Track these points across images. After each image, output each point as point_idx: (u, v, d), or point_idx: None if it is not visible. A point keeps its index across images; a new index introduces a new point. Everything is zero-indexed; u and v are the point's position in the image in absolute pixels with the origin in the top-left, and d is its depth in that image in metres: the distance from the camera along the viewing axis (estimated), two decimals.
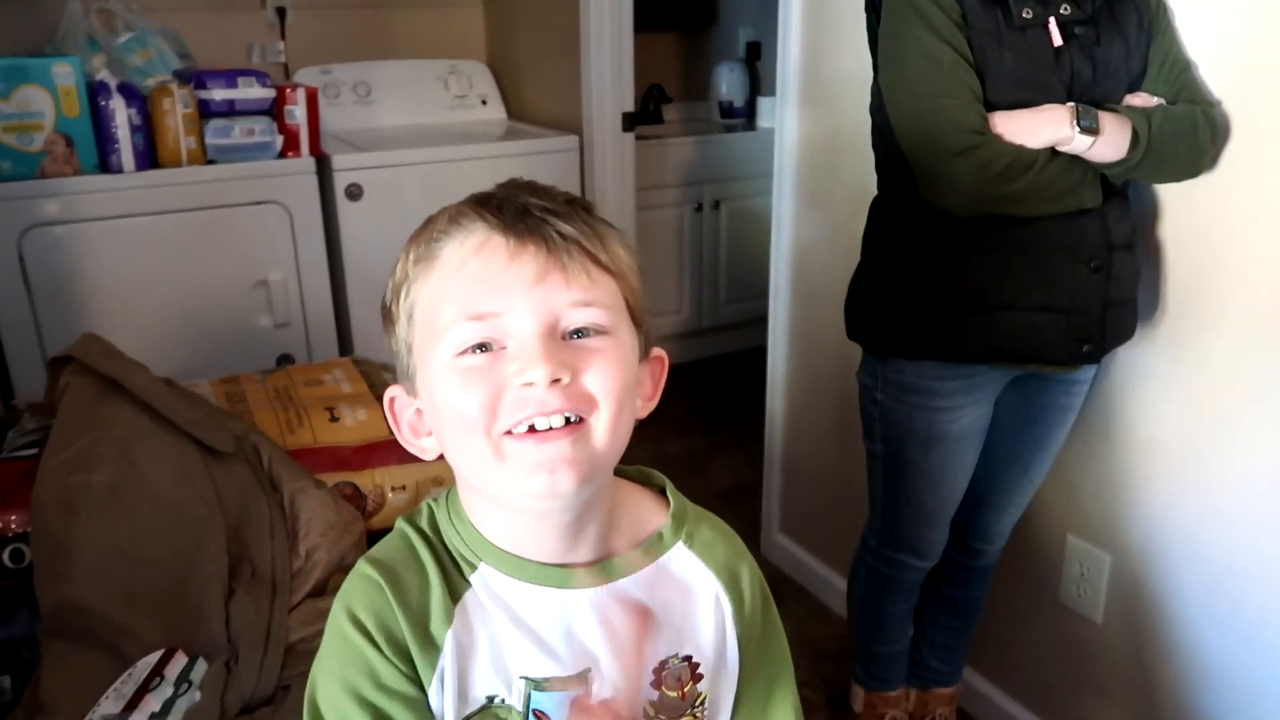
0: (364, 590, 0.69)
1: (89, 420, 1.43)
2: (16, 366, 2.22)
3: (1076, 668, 1.66)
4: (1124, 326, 1.38)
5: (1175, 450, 1.46)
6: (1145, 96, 1.28)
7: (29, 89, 2.13)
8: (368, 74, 2.96)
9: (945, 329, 1.33)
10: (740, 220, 3.47)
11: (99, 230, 2.25)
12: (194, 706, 1.19)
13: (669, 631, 0.74)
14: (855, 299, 1.48)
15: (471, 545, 0.71)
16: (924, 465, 1.44)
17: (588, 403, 0.64)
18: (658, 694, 0.74)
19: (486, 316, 0.63)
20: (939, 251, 1.32)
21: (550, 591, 0.70)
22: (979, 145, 1.22)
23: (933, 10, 1.22)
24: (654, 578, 0.74)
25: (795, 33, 2.01)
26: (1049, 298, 1.29)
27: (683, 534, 0.76)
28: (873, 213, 1.45)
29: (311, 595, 1.42)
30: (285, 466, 1.54)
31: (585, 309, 0.64)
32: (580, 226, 0.66)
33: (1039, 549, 1.68)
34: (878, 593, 1.61)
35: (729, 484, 2.69)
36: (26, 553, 1.34)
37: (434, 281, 0.66)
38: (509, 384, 0.62)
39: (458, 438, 0.66)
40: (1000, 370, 1.39)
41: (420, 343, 0.67)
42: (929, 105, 1.24)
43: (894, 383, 1.42)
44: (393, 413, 0.72)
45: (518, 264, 0.63)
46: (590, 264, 0.65)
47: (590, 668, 0.71)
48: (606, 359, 0.65)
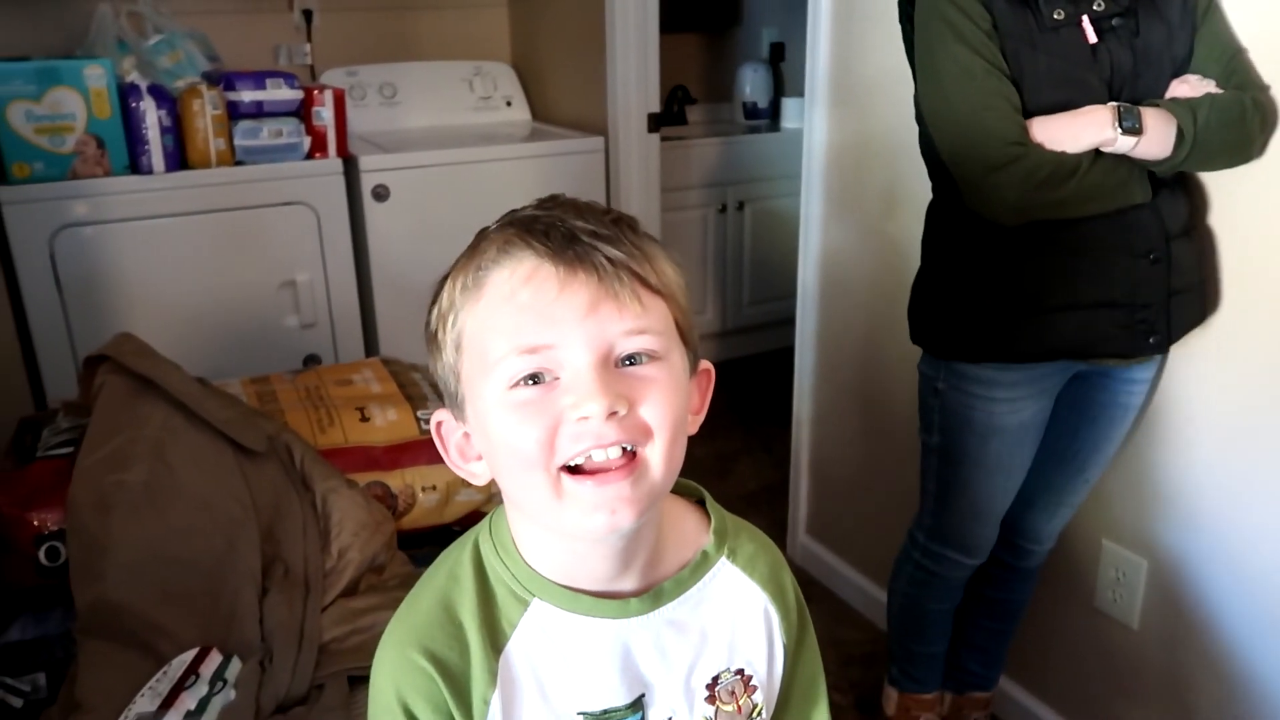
0: (418, 684, 0.68)
1: (124, 419, 1.44)
2: (48, 365, 2.23)
3: (1111, 674, 1.64)
4: (1191, 312, 1.36)
5: (1215, 453, 1.44)
6: (1195, 81, 1.26)
7: (61, 91, 2.14)
8: (393, 75, 2.97)
9: (1006, 332, 1.32)
10: (765, 221, 3.46)
11: (129, 231, 2.26)
12: (229, 705, 1.19)
13: (718, 648, 0.74)
14: (918, 304, 1.47)
15: (522, 580, 0.70)
16: (981, 457, 1.43)
17: (644, 433, 0.63)
18: (714, 709, 0.74)
19: (539, 349, 0.62)
20: (994, 256, 1.32)
21: (605, 623, 0.70)
22: (1020, 156, 1.21)
23: (962, 21, 1.21)
24: (701, 596, 0.74)
25: (824, 33, 2.00)
26: (1108, 294, 1.28)
27: (725, 549, 0.76)
28: (929, 218, 1.45)
29: (343, 595, 1.42)
30: (317, 466, 1.54)
31: (639, 336, 0.63)
32: (629, 249, 0.64)
33: (1074, 553, 1.66)
34: (922, 590, 1.59)
35: (755, 486, 2.68)
36: (62, 551, 1.35)
37: (482, 311, 0.64)
38: (565, 418, 0.61)
39: (514, 472, 0.65)
40: (1064, 364, 1.37)
41: (469, 374, 0.66)
42: (966, 118, 1.23)
43: (956, 372, 1.41)
44: (440, 437, 0.71)
45: (569, 293, 0.62)
46: (641, 288, 0.64)
47: (644, 693, 0.72)
48: (661, 388, 0.64)
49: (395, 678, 0.69)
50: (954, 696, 1.73)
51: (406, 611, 0.72)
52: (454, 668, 0.68)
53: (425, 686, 0.68)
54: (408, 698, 0.68)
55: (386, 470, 1.62)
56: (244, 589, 1.34)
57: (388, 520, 1.55)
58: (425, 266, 2.94)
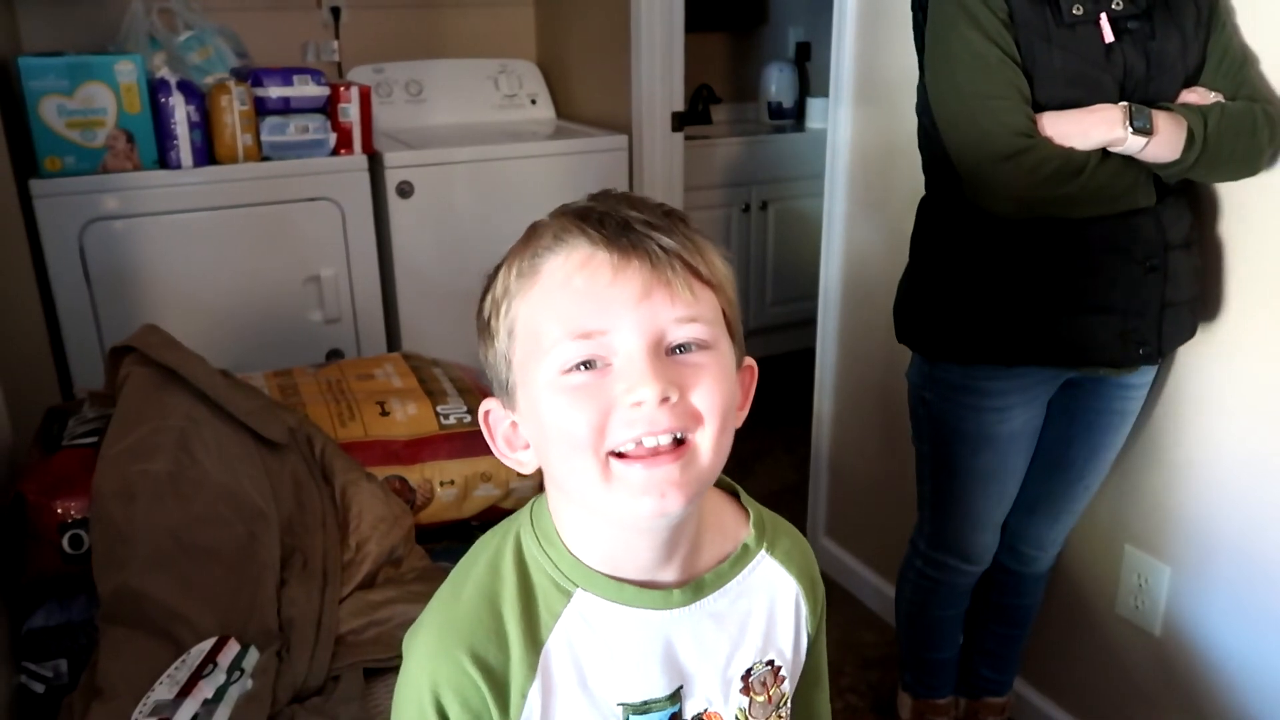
0: (459, 684, 0.68)
1: (149, 410, 1.46)
2: (75, 356, 2.26)
3: (1132, 682, 1.62)
4: (1183, 327, 1.34)
5: (1239, 457, 1.42)
6: (1202, 92, 1.24)
7: (93, 86, 2.17)
8: (419, 73, 2.99)
9: (997, 333, 1.31)
10: (788, 221, 3.45)
11: (157, 225, 2.29)
12: (246, 694, 1.20)
13: (753, 640, 0.75)
14: (904, 301, 1.46)
15: (565, 570, 0.70)
16: (972, 467, 1.42)
17: (694, 420, 0.63)
18: (748, 700, 0.75)
19: (593, 334, 0.62)
20: (988, 253, 1.30)
21: (648, 614, 0.70)
22: (1027, 148, 1.19)
23: (980, 9, 1.19)
24: (741, 589, 0.75)
25: (850, 33, 1.99)
26: (1103, 299, 1.26)
27: (765, 542, 0.77)
28: (921, 213, 1.43)
29: (361, 587, 1.43)
30: (337, 459, 1.55)
31: (690, 324, 0.64)
32: (681, 240, 0.65)
33: (1095, 558, 1.64)
34: (926, 597, 1.58)
35: (775, 487, 2.67)
36: (86, 539, 1.37)
37: (536, 297, 0.65)
38: (618, 403, 0.62)
39: (563, 456, 0.65)
40: (1053, 371, 1.35)
41: (522, 359, 0.66)
42: (976, 107, 1.22)
43: (943, 382, 1.39)
44: (487, 425, 0.72)
45: (622, 280, 0.62)
46: (692, 278, 0.64)
47: (683, 685, 0.72)
48: (711, 376, 0.64)
49: (433, 670, 0.69)
50: (969, 701, 1.72)
51: (447, 605, 0.72)
52: (496, 667, 0.69)
53: (466, 689, 0.68)
54: (443, 695, 0.68)
55: (406, 464, 1.63)
56: (263, 579, 1.35)
57: (406, 514, 1.56)
58: (448, 263, 2.96)
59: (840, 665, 1.97)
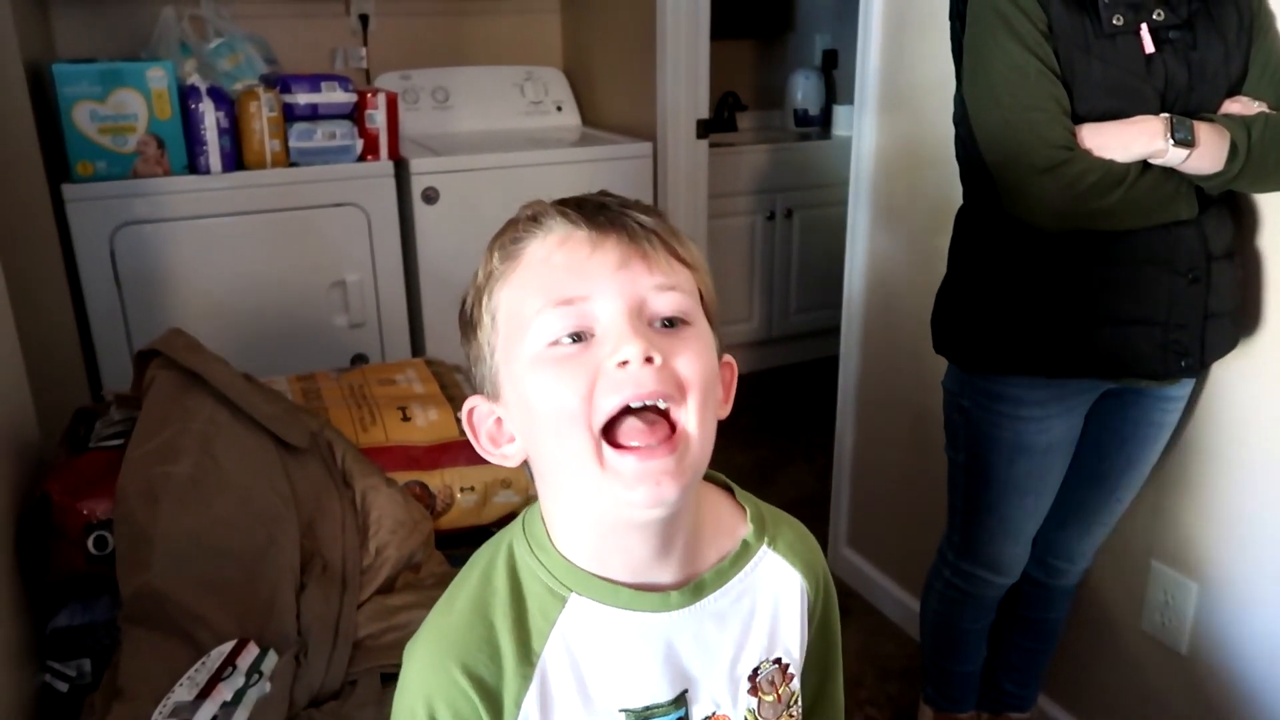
0: (453, 700, 0.68)
1: (173, 413, 1.47)
2: (105, 358, 2.29)
3: (1157, 701, 1.60)
4: (1225, 338, 1.32)
5: (1274, 474, 1.39)
6: (1246, 101, 1.22)
7: (124, 92, 2.20)
8: (446, 80, 3.01)
9: (1036, 344, 1.29)
10: (813, 229, 3.43)
11: (186, 229, 2.32)
12: (264, 697, 1.21)
13: (759, 638, 0.74)
14: (942, 312, 1.44)
15: (559, 575, 0.69)
16: (1008, 476, 1.40)
17: (679, 387, 0.63)
18: (756, 700, 0.74)
19: (574, 300, 0.63)
20: (1027, 264, 1.29)
21: (646, 616, 0.69)
22: (1066, 161, 1.17)
23: (1019, 19, 1.18)
24: (743, 587, 0.73)
25: (875, 40, 1.98)
26: (1144, 311, 1.25)
27: (766, 537, 0.76)
28: (959, 224, 1.42)
29: (379, 592, 1.44)
30: (358, 463, 1.56)
31: (669, 293, 0.65)
32: (658, 222, 0.67)
33: (1121, 574, 1.62)
34: (953, 609, 1.56)
35: (796, 496, 2.66)
36: (111, 540, 1.38)
37: (517, 279, 0.66)
38: (603, 370, 0.62)
39: (553, 436, 0.64)
40: (1093, 382, 1.34)
41: (505, 341, 0.67)
42: (1014, 118, 1.20)
43: (981, 390, 1.38)
44: (471, 425, 0.71)
45: (601, 253, 0.64)
46: (670, 254, 0.66)
47: (688, 688, 0.71)
48: (693, 348, 0.65)
49: (427, 685, 0.69)
50: (991, 716, 1.70)
51: (441, 617, 0.72)
52: (488, 679, 0.68)
53: (458, 701, 0.68)
54: (436, 707, 0.68)
55: (426, 470, 1.63)
56: (283, 583, 1.36)
57: (426, 519, 1.56)
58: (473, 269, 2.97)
59: (860, 677, 1.95)
